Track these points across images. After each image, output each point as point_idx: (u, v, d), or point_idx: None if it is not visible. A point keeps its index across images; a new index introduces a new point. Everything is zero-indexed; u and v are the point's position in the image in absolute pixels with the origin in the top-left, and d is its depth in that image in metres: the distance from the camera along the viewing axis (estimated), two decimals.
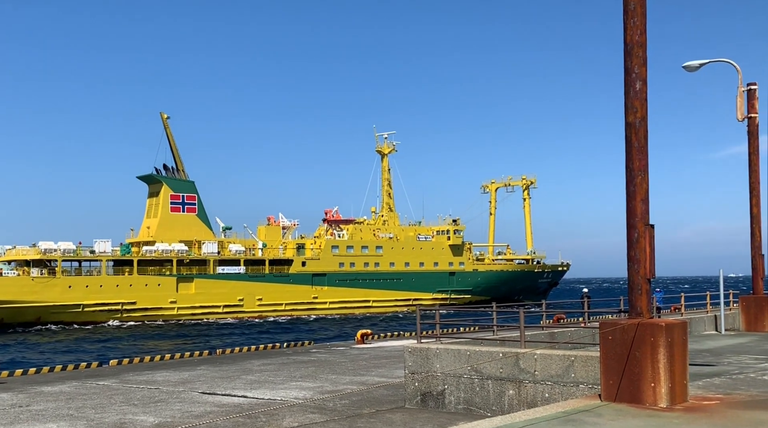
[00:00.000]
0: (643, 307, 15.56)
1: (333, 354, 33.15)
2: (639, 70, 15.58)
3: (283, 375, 25.99)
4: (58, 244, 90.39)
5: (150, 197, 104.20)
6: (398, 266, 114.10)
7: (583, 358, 17.52)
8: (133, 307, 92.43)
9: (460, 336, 23.99)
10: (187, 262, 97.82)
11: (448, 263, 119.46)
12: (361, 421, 18.27)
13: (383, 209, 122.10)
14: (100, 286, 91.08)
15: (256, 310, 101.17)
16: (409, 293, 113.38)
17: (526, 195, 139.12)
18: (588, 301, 33.02)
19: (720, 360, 22.34)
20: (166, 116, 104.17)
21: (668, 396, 14.30)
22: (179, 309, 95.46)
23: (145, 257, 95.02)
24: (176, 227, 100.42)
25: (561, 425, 12.33)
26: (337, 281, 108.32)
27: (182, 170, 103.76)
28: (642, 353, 15.08)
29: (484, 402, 19.22)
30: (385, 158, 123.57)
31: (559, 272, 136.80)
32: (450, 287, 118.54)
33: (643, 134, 15.67)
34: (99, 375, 27.89)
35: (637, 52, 15.56)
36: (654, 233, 15.61)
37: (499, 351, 19.16)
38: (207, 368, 29.09)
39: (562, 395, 17.72)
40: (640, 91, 15.61)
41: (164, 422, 18.50)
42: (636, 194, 15.59)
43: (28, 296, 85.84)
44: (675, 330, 15.09)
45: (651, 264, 15.53)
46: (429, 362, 20.17)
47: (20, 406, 21.38)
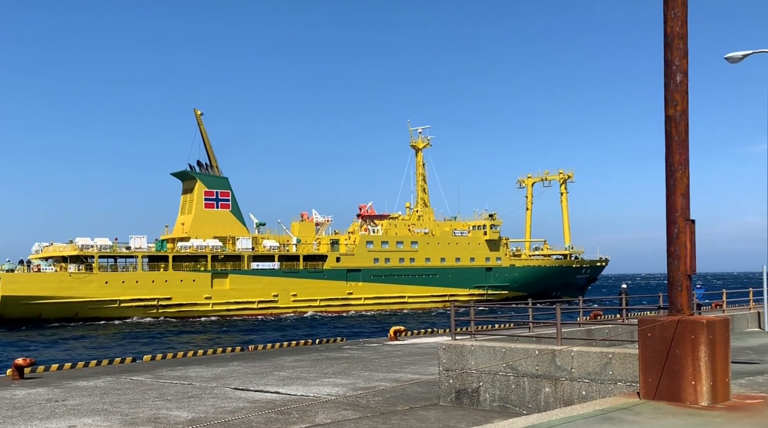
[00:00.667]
0: (683, 304, 15.22)
1: (365, 350, 33.03)
2: (680, 62, 15.20)
3: (316, 372, 25.92)
4: (94, 240, 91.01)
5: (184, 193, 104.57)
6: (434, 262, 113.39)
7: (621, 355, 17.23)
8: (169, 303, 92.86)
9: (495, 333, 23.76)
10: (222, 258, 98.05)
11: (485, 259, 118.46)
12: (394, 418, 18.10)
13: (418, 205, 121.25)
14: (136, 282, 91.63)
15: (291, 306, 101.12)
16: (445, 289, 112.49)
17: (564, 189, 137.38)
18: (626, 297, 32.56)
19: (763, 358, 21.92)
20: (200, 113, 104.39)
21: (709, 394, 13.96)
22: (214, 305, 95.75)
23: (180, 253, 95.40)
24: (210, 224, 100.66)
25: (599, 423, 12.07)
26: (372, 276, 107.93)
27: (216, 167, 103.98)
28: (682, 350, 14.75)
29: (519, 400, 18.98)
30: (420, 153, 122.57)
31: (598, 268, 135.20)
32: (487, 282, 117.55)
33: (684, 128, 15.31)
34: (133, 371, 28.04)
35: (677, 43, 15.19)
36: (695, 229, 15.26)
37: (535, 348, 18.89)
38: (239, 364, 29.11)
39: (600, 393, 17.44)
40: (680, 83, 15.24)
41: (198, 417, 18.46)
42: (676, 188, 15.25)
43: (66, 291, 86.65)
44: (716, 327, 14.75)
45: (691, 260, 15.19)
46: (464, 359, 19.94)
47: (56, 401, 21.50)
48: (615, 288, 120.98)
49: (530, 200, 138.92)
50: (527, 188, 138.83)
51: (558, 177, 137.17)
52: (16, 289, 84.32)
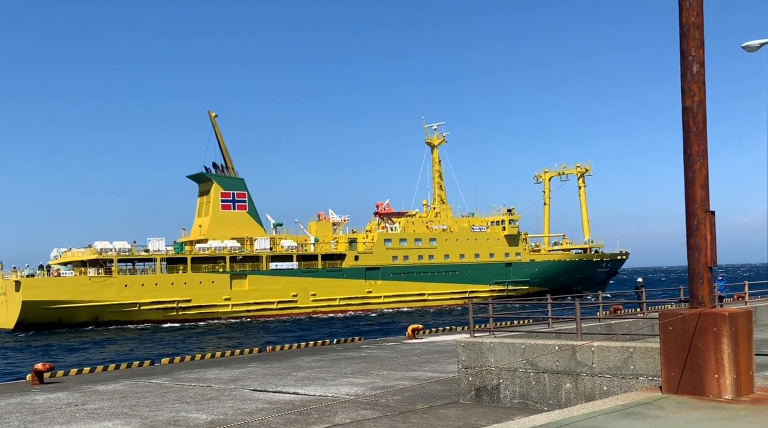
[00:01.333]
0: (704, 296, 15.03)
1: (384, 349, 32.91)
2: (696, 53, 15.01)
3: (334, 372, 25.83)
4: (113, 244, 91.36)
5: (200, 195, 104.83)
6: (453, 259, 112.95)
7: (642, 350, 17.04)
8: (188, 305, 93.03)
9: (515, 330, 23.61)
10: (240, 259, 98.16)
11: (504, 254, 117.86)
12: (414, 417, 17.97)
13: (435, 202, 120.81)
14: (155, 284, 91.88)
15: (310, 306, 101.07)
16: (465, 286, 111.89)
17: (581, 183, 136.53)
18: (643, 291, 32.32)
19: None
20: (214, 115, 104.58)
21: (733, 387, 13.79)
22: (234, 306, 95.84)
23: (198, 255, 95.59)
24: (227, 225, 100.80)
25: (621, 418, 11.91)
26: (391, 274, 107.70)
27: (232, 168, 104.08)
28: (704, 343, 14.57)
29: (540, 396, 18.81)
30: (435, 150, 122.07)
31: (618, 261, 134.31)
32: (507, 278, 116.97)
33: (702, 119, 15.13)
34: (151, 374, 28.07)
35: (693, 34, 14.99)
36: (715, 220, 15.08)
37: (555, 344, 18.71)
38: (257, 365, 29.07)
39: (621, 388, 17.27)
40: (697, 74, 15.05)
41: (217, 419, 18.40)
42: (695, 180, 15.06)
43: (86, 295, 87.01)
44: (739, 319, 14.56)
45: (712, 252, 15.02)
46: (483, 356, 19.79)
47: (76, 405, 21.51)
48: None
49: (548, 195, 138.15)
50: (544, 183, 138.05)
51: (575, 171, 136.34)
52: (36, 294, 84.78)
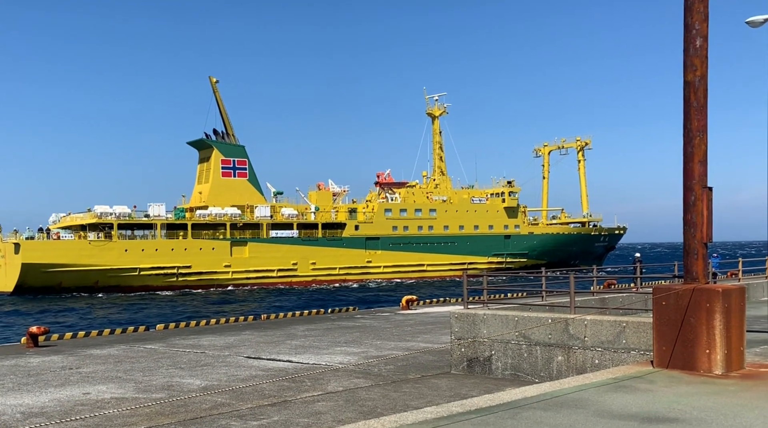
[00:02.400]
0: (699, 272, 15.03)
1: (378, 319, 32.95)
2: (700, 26, 14.87)
3: (328, 341, 25.89)
4: (113, 208, 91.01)
5: (201, 162, 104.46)
6: (452, 230, 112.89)
7: (634, 324, 17.07)
8: (188, 271, 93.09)
9: (508, 302, 23.60)
10: (241, 226, 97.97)
11: (504, 226, 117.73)
12: (406, 386, 18.03)
13: (435, 173, 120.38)
14: (155, 250, 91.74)
15: (310, 274, 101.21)
16: (464, 257, 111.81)
17: (581, 157, 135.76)
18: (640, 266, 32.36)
19: None
20: (215, 81, 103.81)
21: (724, 362, 13.86)
22: (233, 273, 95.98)
23: (198, 221, 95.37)
24: (228, 192, 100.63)
25: (612, 391, 11.94)
26: (391, 244, 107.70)
27: (232, 135, 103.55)
28: (697, 319, 14.59)
29: (532, 368, 18.86)
30: (436, 121, 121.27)
31: (616, 236, 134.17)
32: (506, 250, 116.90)
33: (703, 93, 15.03)
34: (146, 339, 28.14)
35: (698, 7, 14.85)
36: (712, 196, 15.04)
37: (548, 317, 18.74)
38: (252, 333, 29.14)
39: (613, 361, 17.31)
40: (700, 48, 14.92)
41: (210, 385, 18.47)
42: (694, 155, 15.00)
43: (86, 259, 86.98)
44: (732, 295, 14.57)
45: (708, 228, 15.00)
46: (476, 327, 19.82)
47: (70, 368, 21.58)
48: (631, 257, 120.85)
49: (547, 169, 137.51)
50: (544, 157, 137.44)
51: (575, 145, 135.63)
52: (36, 257, 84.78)
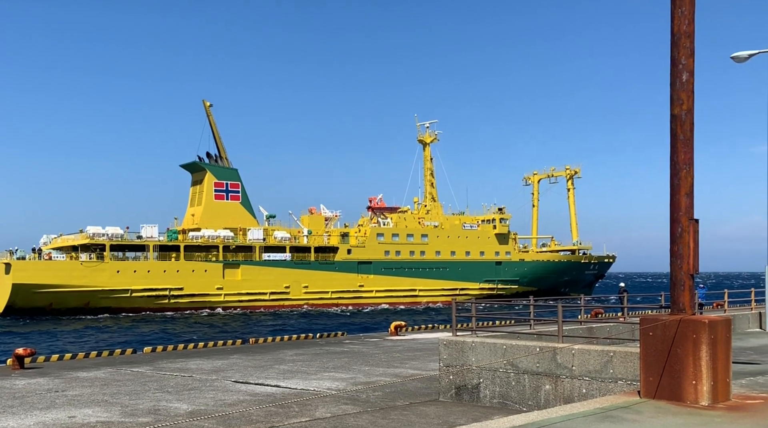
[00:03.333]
0: (685, 303, 15.12)
1: (366, 345, 32.92)
2: (686, 62, 15.08)
3: (316, 366, 25.85)
4: (105, 229, 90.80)
5: (193, 185, 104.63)
6: (444, 255, 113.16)
7: (622, 354, 17.11)
8: (181, 293, 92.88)
9: (496, 330, 23.60)
10: (233, 248, 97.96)
11: (495, 253, 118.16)
12: (394, 413, 18.02)
13: (426, 199, 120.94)
14: (147, 271, 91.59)
15: (302, 297, 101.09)
16: (456, 283, 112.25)
17: (570, 185, 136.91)
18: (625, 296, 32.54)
19: (764, 359, 21.79)
20: (209, 104, 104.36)
21: (710, 394, 13.89)
22: (226, 296, 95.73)
23: (191, 243, 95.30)
24: (221, 215, 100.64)
25: (599, 421, 11.98)
26: (383, 269, 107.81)
27: (225, 158, 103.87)
28: (683, 350, 14.67)
29: (519, 397, 18.86)
30: (427, 148, 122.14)
31: (605, 264, 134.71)
32: (497, 277, 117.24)
33: (689, 127, 15.21)
34: (133, 362, 28.01)
35: (684, 42, 15.06)
36: (698, 228, 15.17)
37: (536, 346, 18.77)
38: (240, 357, 29.06)
39: (600, 391, 17.33)
40: (686, 82, 15.12)
41: (197, 410, 18.42)
42: (680, 187, 15.15)
43: (77, 280, 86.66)
44: (718, 326, 14.65)
45: (694, 260, 15.11)
46: (464, 355, 19.84)
47: (56, 391, 21.50)
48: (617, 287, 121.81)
49: (536, 196, 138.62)
50: (533, 185, 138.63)
51: (564, 173, 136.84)
52: (27, 277, 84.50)
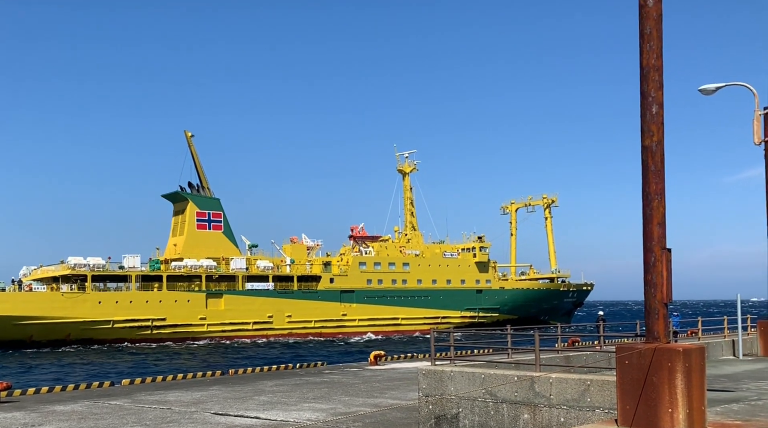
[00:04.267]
0: (660, 331, 15.29)
1: (346, 375, 32.81)
2: (655, 94, 15.40)
3: (296, 396, 25.76)
4: (87, 259, 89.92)
5: (175, 215, 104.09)
6: (425, 284, 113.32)
7: (599, 382, 17.21)
8: (163, 323, 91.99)
9: (475, 359, 23.66)
10: (216, 278, 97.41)
11: (475, 281, 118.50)
12: None
13: (406, 228, 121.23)
14: (129, 302, 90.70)
15: (286, 327, 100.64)
16: (437, 311, 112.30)
17: (548, 214, 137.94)
18: (603, 324, 32.73)
19: (738, 386, 21.92)
20: (191, 135, 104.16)
21: (686, 421, 14.05)
22: (209, 326, 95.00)
23: (174, 273, 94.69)
24: (203, 245, 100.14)
25: None
26: (366, 297, 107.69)
27: (207, 188, 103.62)
28: (659, 378, 14.81)
29: (498, 426, 18.91)
30: (407, 177, 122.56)
31: (584, 292, 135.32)
32: (478, 305, 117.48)
33: (660, 158, 15.48)
34: (111, 395, 27.74)
35: (653, 76, 15.38)
36: (671, 257, 15.37)
37: (514, 375, 18.85)
38: (219, 388, 28.88)
39: (578, 419, 17.41)
40: (656, 115, 15.42)
41: None
42: (653, 217, 15.38)
43: (58, 311, 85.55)
44: (692, 355, 14.81)
45: (668, 288, 15.30)
46: (443, 384, 19.89)
47: (32, 425, 21.32)
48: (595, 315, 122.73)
49: (514, 225, 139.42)
50: (511, 214, 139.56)
51: (542, 202, 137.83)
52: (6, 309, 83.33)
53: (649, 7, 15.37)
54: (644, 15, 15.40)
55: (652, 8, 15.37)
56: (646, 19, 15.39)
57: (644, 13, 15.40)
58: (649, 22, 15.35)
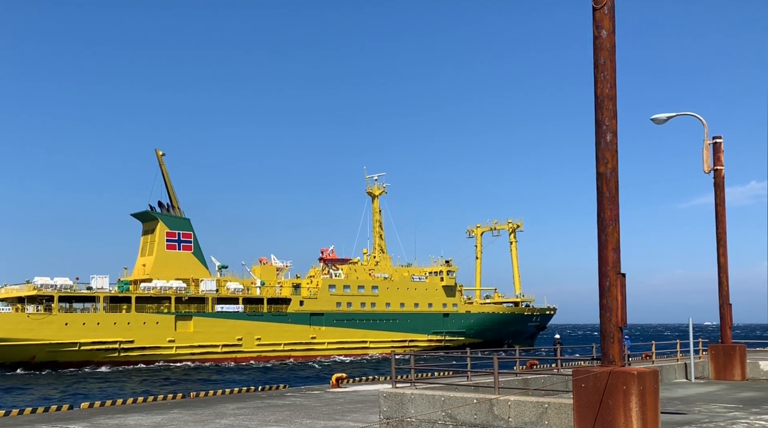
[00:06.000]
0: (615, 355, 15.60)
1: (308, 397, 32.69)
2: (609, 123, 15.84)
3: (258, 419, 25.64)
4: (54, 280, 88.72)
5: (144, 234, 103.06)
6: (394, 307, 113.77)
7: (556, 405, 17.45)
8: (131, 346, 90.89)
9: (435, 381, 23.84)
10: (186, 300, 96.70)
11: (442, 305, 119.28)
12: None
13: (375, 250, 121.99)
14: (97, 323, 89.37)
15: (255, 350, 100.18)
16: (405, 335, 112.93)
17: (513, 239, 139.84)
18: (560, 348, 33.24)
19: (691, 409, 22.31)
20: (162, 153, 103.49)
21: None
22: (177, 349, 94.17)
23: (143, 294, 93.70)
24: (172, 265, 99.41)
25: None
26: (335, 321, 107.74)
27: (177, 207, 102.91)
28: (614, 401, 15.11)
29: None
30: (376, 200, 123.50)
31: (547, 316, 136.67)
32: (444, 328, 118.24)
33: (614, 185, 15.86)
34: (70, 419, 27.15)
35: (607, 105, 15.82)
36: (625, 282, 15.71)
37: (474, 397, 19.06)
38: (180, 411, 28.59)
39: None
40: (610, 142, 15.85)
41: None
42: (608, 243, 15.73)
43: (23, 333, 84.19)
44: (646, 378, 15.13)
45: (623, 312, 15.63)
46: (404, 407, 20.06)
47: None
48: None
49: (479, 249, 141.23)
50: (476, 238, 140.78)
51: (507, 226, 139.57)
52: None
53: (602, 39, 15.84)
54: (598, 46, 15.88)
55: (605, 39, 15.84)
56: (600, 50, 15.86)
57: (598, 44, 15.88)
58: (603, 53, 15.82)
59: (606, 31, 15.79)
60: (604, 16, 15.80)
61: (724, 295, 33.57)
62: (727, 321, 33.96)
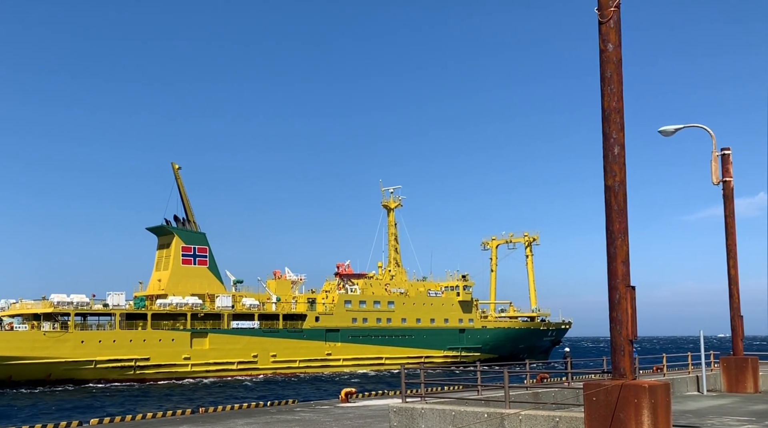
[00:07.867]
0: (626, 368, 15.54)
1: (317, 413, 32.51)
2: (617, 136, 15.86)
3: None
4: (70, 297, 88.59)
5: (160, 249, 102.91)
6: (410, 323, 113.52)
7: (567, 419, 17.40)
8: (147, 363, 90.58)
9: (445, 396, 23.73)
10: (201, 316, 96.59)
11: (458, 320, 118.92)
12: None
13: (390, 264, 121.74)
14: (113, 341, 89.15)
15: (270, 367, 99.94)
16: (421, 351, 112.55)
17: (529, 252, 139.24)
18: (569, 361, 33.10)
19: (703, 422, 22.15)
20: (178, 167, 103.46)
21: None
22: (193, 366, 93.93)
23: (159, 311, 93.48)
24: (188, 280, 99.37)
25: None
26: (350, 337, 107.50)
27: (193, 222, 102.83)
28: (626, 414, 15.05)
29: None
30: (392, 213, 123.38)
31: (562, 330, 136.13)
32: (460, 344, 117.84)
33: (623, 197, 15.86)
34: None
35: (614, 118, 15.84)
36: (635, 295, 15.67)
37: (484, 412, 19.01)
38: (189, 427, 28.58)
39: None
40: (618, 155, 15.85)
41: None
42: (617, 256, 15.70)
43: (39, 351, 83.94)
44: (658, 391, 15.06)
45: (633, 325, 15.58)
46: (414, 422, 20.02)
47: None
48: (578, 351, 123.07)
49: (495, 262, 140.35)
50: (492, 251, 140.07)
51: (523, 240, 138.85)
52: None
53: (609, 52, 15.88)
54: (604, 59, 15.91)
55: (612, 53, 15.88)
56: (606, 63, 15.90)
57: (604, 57, 15.91)
58: (609, 66, 15.85)
59: (612, 44, 15.83)
60: (610, 29, 15.84)
61: (735, 307, 33.41)
62: (739, 333, 33.79)
